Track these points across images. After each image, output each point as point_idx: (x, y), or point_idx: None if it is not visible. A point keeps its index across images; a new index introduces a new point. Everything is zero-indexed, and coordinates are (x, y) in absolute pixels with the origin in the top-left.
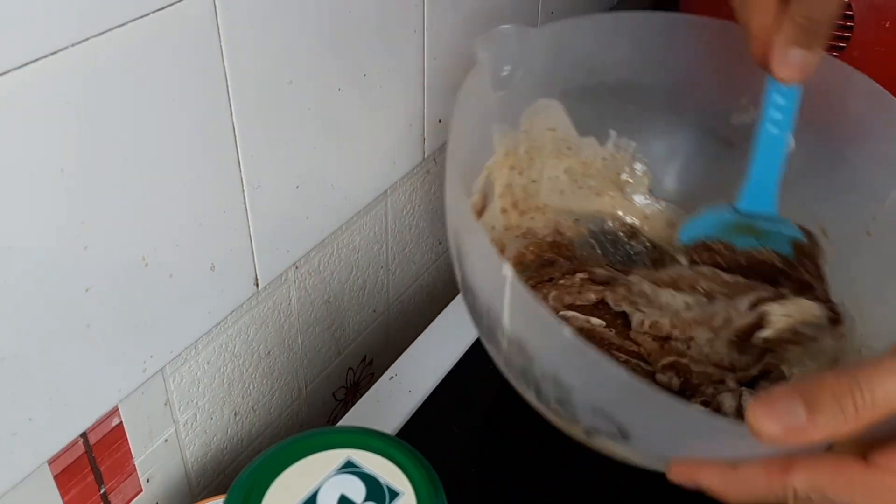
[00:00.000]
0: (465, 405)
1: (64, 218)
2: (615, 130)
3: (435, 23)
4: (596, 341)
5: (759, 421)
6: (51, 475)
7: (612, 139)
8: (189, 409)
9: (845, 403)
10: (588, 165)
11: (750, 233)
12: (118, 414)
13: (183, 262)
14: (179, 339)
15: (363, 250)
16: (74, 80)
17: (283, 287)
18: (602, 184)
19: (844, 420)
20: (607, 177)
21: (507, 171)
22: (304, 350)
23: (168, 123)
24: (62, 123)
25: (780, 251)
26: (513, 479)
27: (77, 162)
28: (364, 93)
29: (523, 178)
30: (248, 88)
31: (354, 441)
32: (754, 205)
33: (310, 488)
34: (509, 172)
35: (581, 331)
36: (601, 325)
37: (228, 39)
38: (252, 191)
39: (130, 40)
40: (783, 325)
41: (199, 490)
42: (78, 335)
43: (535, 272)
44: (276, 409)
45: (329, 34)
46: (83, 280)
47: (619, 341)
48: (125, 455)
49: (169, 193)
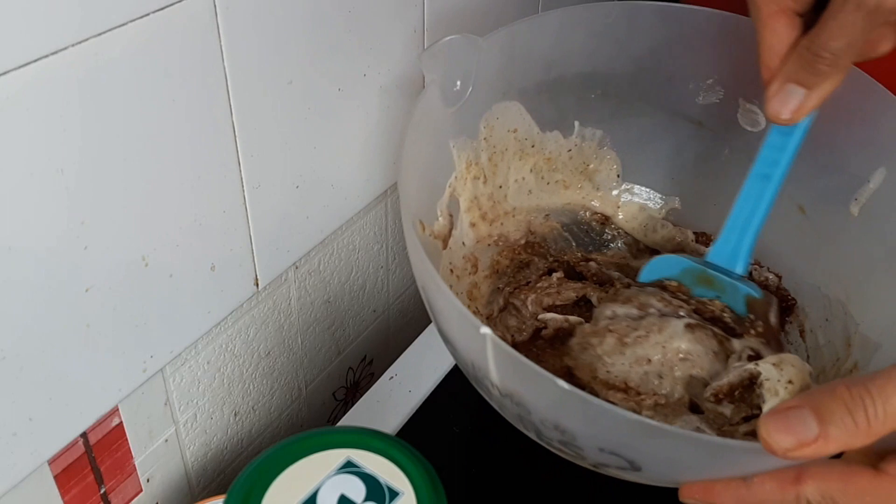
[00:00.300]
0: (466, 405)
1: (64, 218)
2: (579, 121)
3: (435, 22)
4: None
5: (772, 436)
6: (51, 475)
7: (577, 130)
8: (189, 409)
9: (858, 416)
10: (553, 160)
11: (708, 285)
12: (118, 414)
13: (183, 262)
14: (179, 339)
15: (363, 250)
16: (74, 81)
17: (283, 287)
18: (570, 176)
19: (857, 433)
20: (575, 168)
21: (470, 184)
22: (304, 350)
23: (168, 123)
24: (62, 123)
25: (734, 307)
26: (512, 480)
27: (77, 162)
28: (364, 92)
29: (488, 186)
30: (248, 88)
31: (354, 441)
32: (725, 261)
33: (310, 488)
34: (473, 183)
35: (559, 331)
36: (579, 321)
37: (228, 39)
38: (252, 191)
39: (130, 40)
40: (786, 396)
41: (200, 490)
42: (78, 335)
43: (512, 277)
44: (276, 408)
45: (329, 34)
46: (83, 280)
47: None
48: (125, 455)
49: (169, 193)
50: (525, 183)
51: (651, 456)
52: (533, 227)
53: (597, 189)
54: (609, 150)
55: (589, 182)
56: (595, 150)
